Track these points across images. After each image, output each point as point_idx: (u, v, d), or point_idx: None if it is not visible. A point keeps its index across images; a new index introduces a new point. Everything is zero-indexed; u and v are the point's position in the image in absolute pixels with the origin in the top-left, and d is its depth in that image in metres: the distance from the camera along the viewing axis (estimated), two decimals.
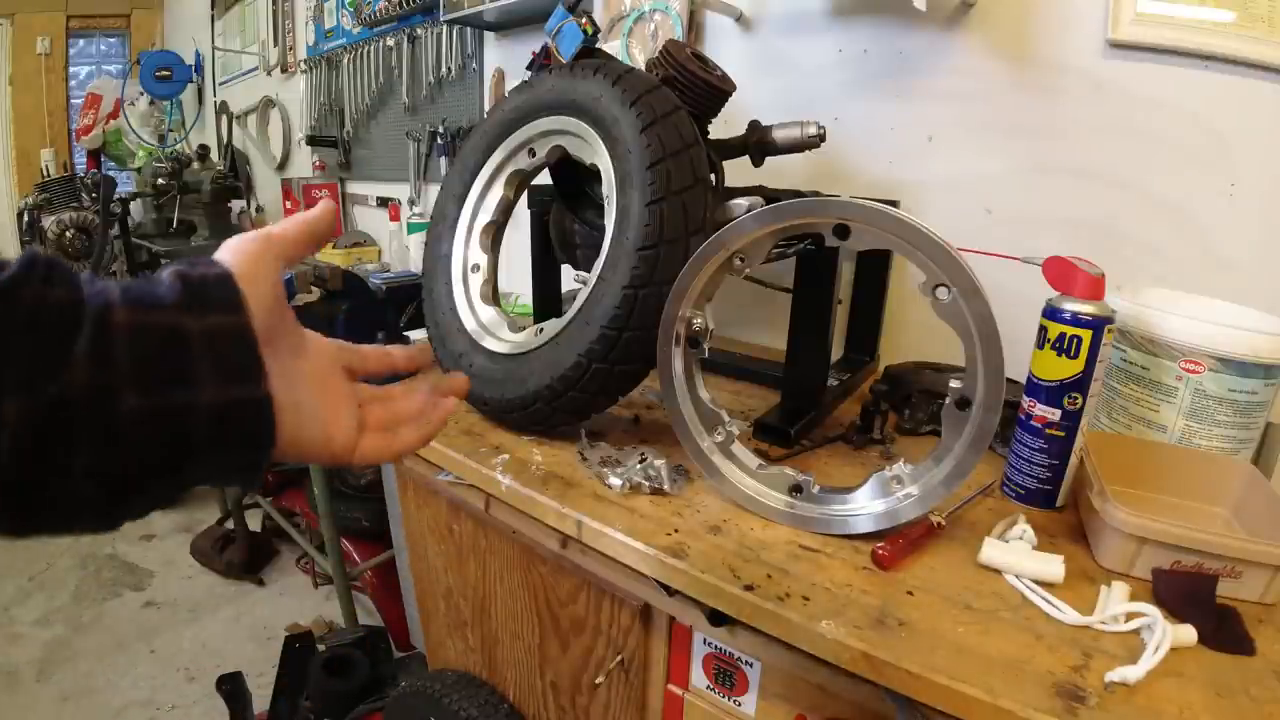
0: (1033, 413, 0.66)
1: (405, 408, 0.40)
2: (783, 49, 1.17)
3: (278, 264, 0.32)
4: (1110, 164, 0.90)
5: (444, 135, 1.87)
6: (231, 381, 0.27)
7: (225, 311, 0.28)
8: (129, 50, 3.99)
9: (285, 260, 0.33)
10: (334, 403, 0.35)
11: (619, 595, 0.73)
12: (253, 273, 0.30)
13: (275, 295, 0.31)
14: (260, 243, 0.32)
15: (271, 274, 0.31)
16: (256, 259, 0.31)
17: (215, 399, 0.27)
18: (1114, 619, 0.51)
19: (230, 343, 0.28)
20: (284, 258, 0.33)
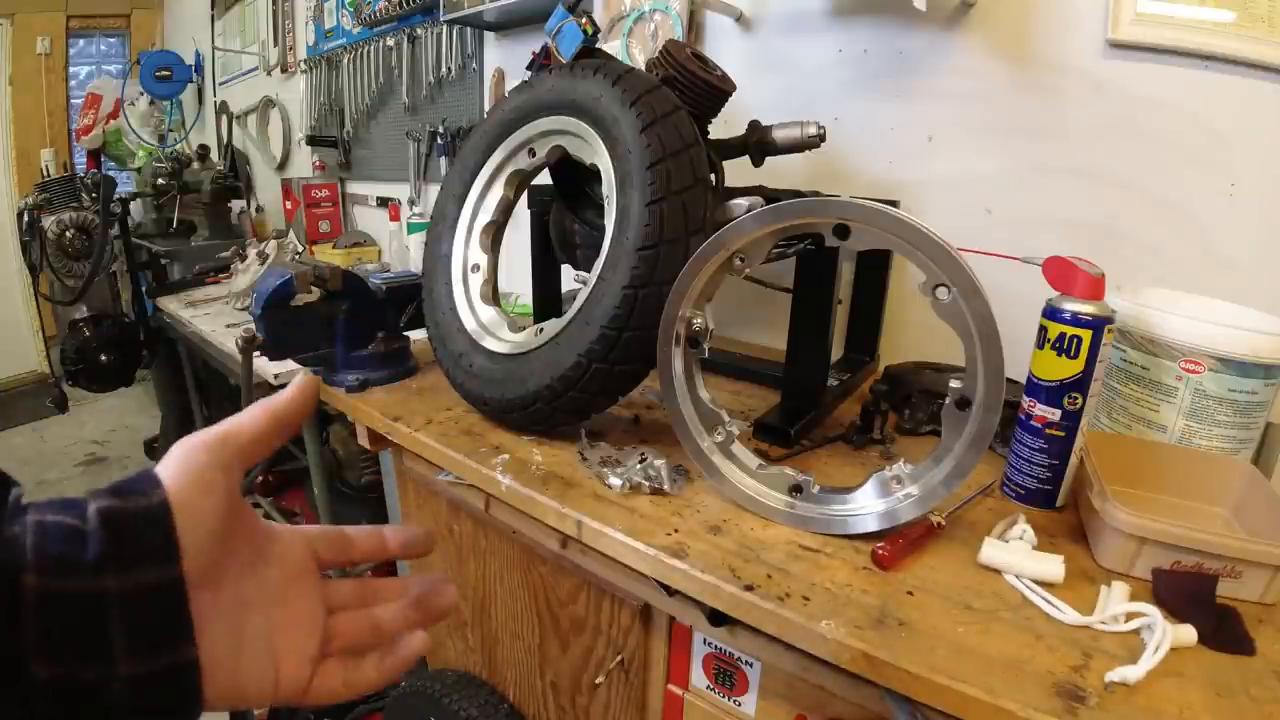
0: (1033, 413, 0.66)
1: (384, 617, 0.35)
2: (783, 49, 1.17)
3: (233, 472, 0.29)
4: (1110, 164, 0.90)
5: (444, 135, 1.87)
6: (152, 650, 0.25)
7: (153, 562, 0.25)
8: (129, 50, 3.99)
9: (245, 462, 0.29)
10: (290, 633, 0.31)
11: (619, 595, 0.73)
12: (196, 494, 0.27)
13: (226, 514, 0.28)
14: (211, 453, 0.28)
15: (221, 489, 0.28)
16: (203, 475, 0.27)
17: (133, 671, 0.24)
18: (1114, 619, 0.51)
19: (154, 603, 0.25)
20: (244, 461, 0.29)
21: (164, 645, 0.25)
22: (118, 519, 0.25)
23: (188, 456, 0.28)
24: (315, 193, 2.36)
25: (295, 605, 0.32)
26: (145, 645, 0.25)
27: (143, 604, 0.25)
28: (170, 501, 0.26)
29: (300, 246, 2.23)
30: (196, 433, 0.29)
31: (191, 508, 0.26)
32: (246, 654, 0.29)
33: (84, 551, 0.24)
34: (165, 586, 0.25)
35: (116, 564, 0.24)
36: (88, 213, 2.60)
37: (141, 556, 0.25)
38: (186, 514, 0.26)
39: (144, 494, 0.26)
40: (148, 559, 0.25)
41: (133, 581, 0.24)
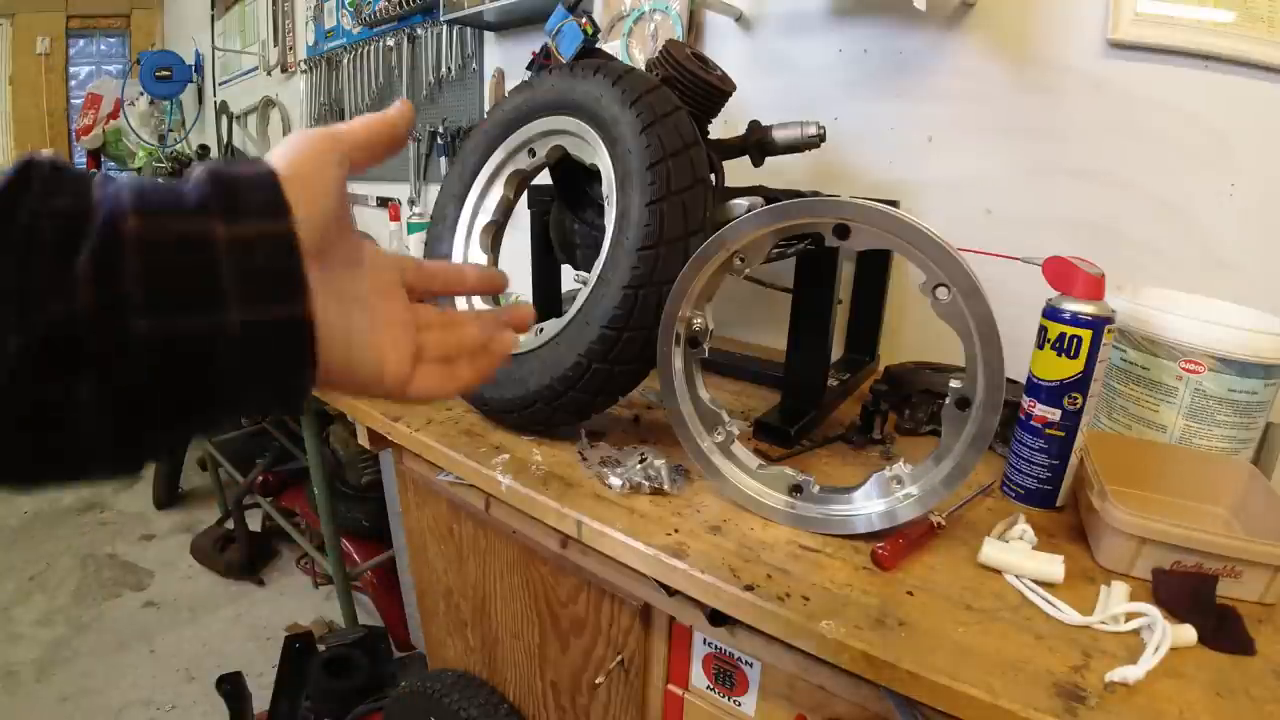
0: (1033, 413, 0.66)
1: (468, 336, 0.35)
2: (783, 49, 1.17)
3: (341, 167, 0.28)
4: (1110, 164, 0.90)
5: (444, 135, 1.87)
6: (265, 300, 0.23)
7: (263, 217, 0.24)
8: (129, 50, 3.99)
9: (353, 164, 0.29)
10: (391, 328, 0.31)
11: (619, 595, 0.73)
12: (307, 173, 0.26)
13: (336, 201, 0.27)
14: (322, 140, 0.27)
15: (331, 177, 0.27)
16: (314, 159, 0.27)
17: (244, 320, 0.23)
18: (1114, 619, 0.51)
19: (266, 254, 0.23)
20: (350, 160, 0.29)
21: (278, 296, 0.24)
22: (225, 175, 0.24)
23: (299, 142, 0.27)
24: None
25: (391, 309, 0.32)
26: (257, 294, 0.23)
27: (255, 251, 0.23)
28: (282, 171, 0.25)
29: None
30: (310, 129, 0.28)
31: (302, 180, 0.25)
32: (356, 336, 0.29)
33: (189, 200, 0.23)
34: (278, 237, 0.24)
35: (226, 213, 0.23)
36: None
37: (251, 210, 0.24)
38: (297, 185, 0.25)
39: (254, 163, 0.25)
40: (258, 213, 0.24)
41: (243, 230, 0.23)
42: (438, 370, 0.34)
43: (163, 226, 0.22)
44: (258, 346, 0.23)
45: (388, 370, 0.31)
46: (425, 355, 0.33)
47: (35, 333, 0.20)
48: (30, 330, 0.20)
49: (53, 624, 1.94)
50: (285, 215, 0.24)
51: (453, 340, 0.35)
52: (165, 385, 0.22)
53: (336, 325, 0.27)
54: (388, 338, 0.31)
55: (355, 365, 0.29)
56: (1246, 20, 0.78)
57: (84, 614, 1.99)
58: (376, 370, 0.30)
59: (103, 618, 1.98)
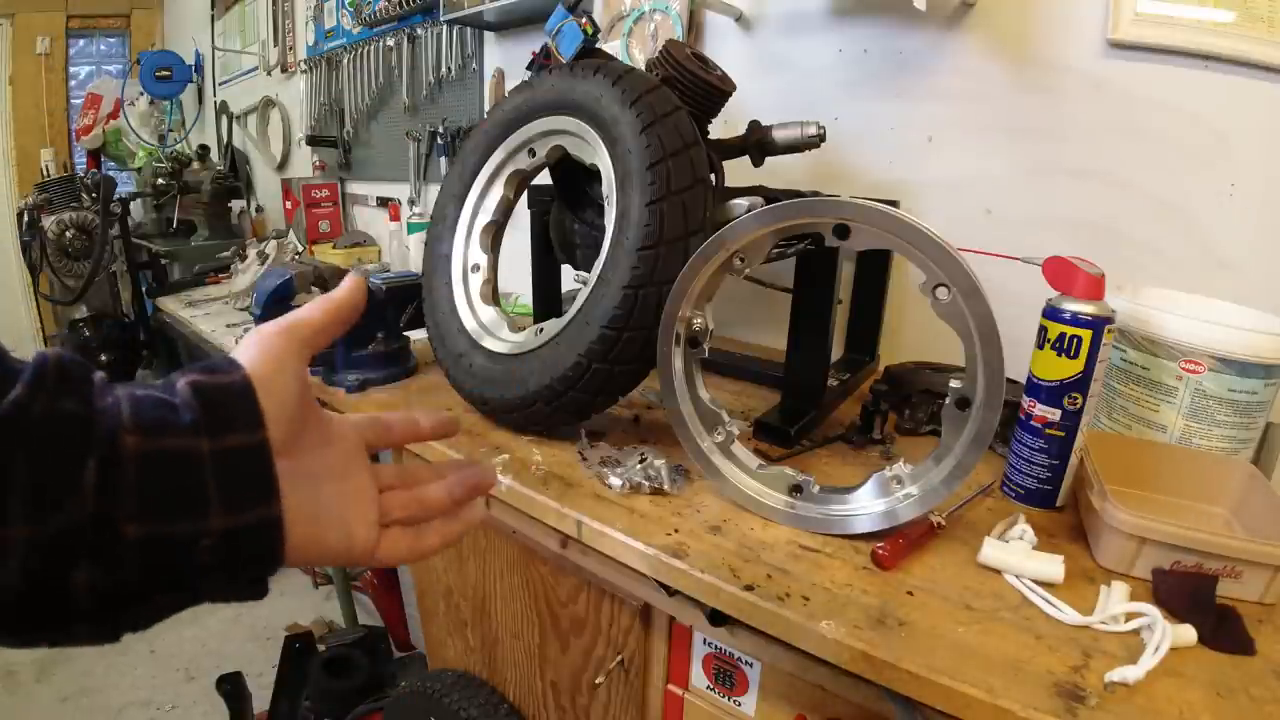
0: (1033, 413, 0.66)
1: (431, 497, 0.37)
2: (783, 49, 1.17)
3: (303, 358, 0.31)
4: (1110, 164, 0.90)
5: (444, 135, 1.87)
6: (243, 507, 0.27)
7: (243, 430, 0.27)
8: (129, 50, 3.99)
9: (312, 349, 0.32)
10: (357, 499, 0.34)
11: (619, 595, 0.73)
12: (274, 374, 0.29)
13: (299, 394, 0.30)
14: (284, 338, 0.30)
15: (296, 371, 0.30)
16: (279, 358, 0.30)
17: (223, 527, 0.26)
18: (1114, 619, 0.51)
19: (244, 465, 0.27)
20: (311, 348, 0.32)
21: (253, 501, 0.27)
22: (208, 391, 0.27)
23: (263, 341, 0.30)
24: (315, 193, 2.35)
25: (355, 481, 0.34)
26: (236, 502, 0.26)
27: (234, 463, 0.26)
28: (252, 378, 0.28)
29: (300, 246, 2.22)
30: (267, 323, 0.31)
31: (270, 384, 0.28)
32: (323, 516, 0.31)
33: (179, 416, 0.26)
34: (254, 448, 0.27)
35: (210, 428, 0.26)
36: (88, 213, 2.60)
37: (231, 423, 0.27)
38: (265, 389, 0.28)
39: (227, 372, 0.28)
40: (237, 425, 0.27)
41: (225, 443, 0.26)
42: (404, 536, 0.36)
43: (156, 444, 0.25)
44: (235, 546, 0.27)
45: (356, 539, 0.33)
46: (389, 518, 0.35)
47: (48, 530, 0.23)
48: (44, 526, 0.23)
49: None
50: (260, 426, 0.27)
51: (415, 502, 0.37)
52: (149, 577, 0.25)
53: (304, 511, 0.30)
54: (354, 509, 0.33)
55: (323, 540, 0.31)
56: (1246, 20, 0.78)
57: None
58: (345, 541, 0.32)
59: None
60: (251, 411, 0.27)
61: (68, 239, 2.57)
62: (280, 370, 0.29)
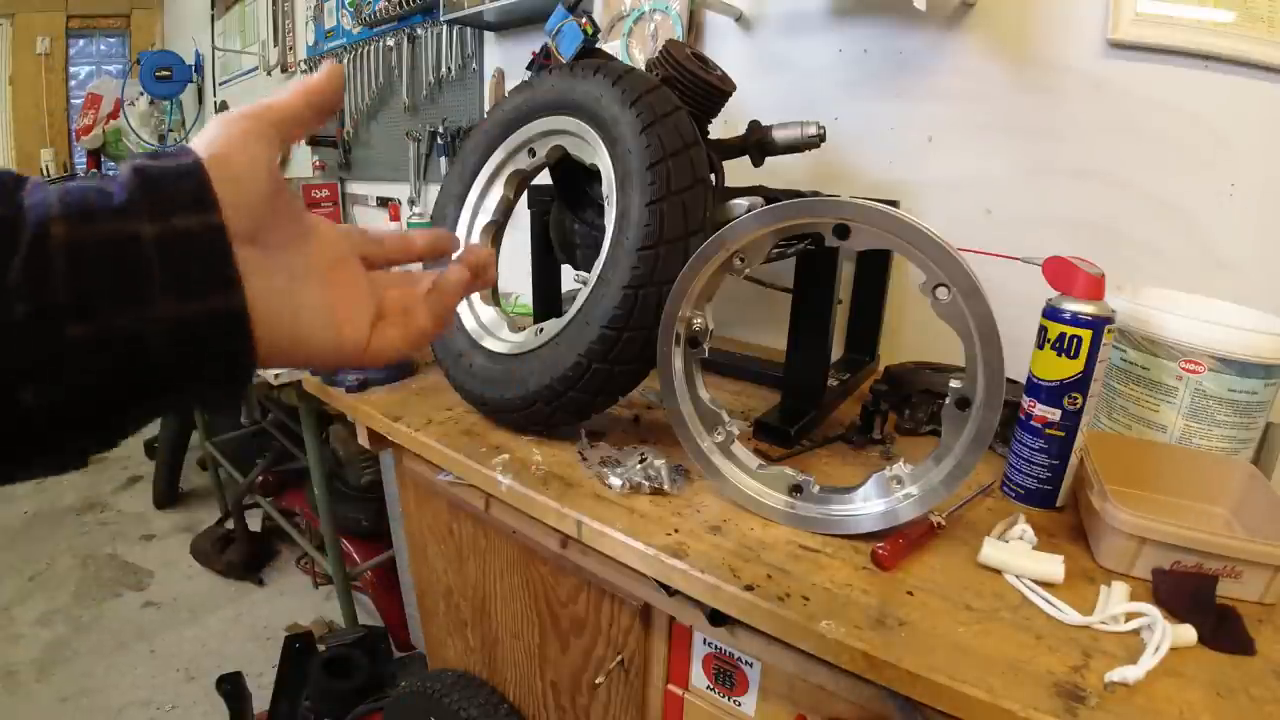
0: (1033, 413, 0.66)
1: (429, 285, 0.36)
2: (783, 49, 1.17)
3: (271, 143, 0.28)
4: (1110, 164, 0.90)
5: (444, 135, 1.87)
6: (194, 295, 0.23)
7: (190, 210, 0.24)
8: (129, 50, 3.99)
9: (284, 137, 0.29)
10: (346, 296, 0.32)
11: (619, 595, 0.73)
12: (235, 157, 0.26)
13: (266, 182, 0.27)
14: (248, 120, 0.27)
15: (261, 156, 0.27)
16: (241, 140, 0.26)
17: (174, 315, 0.23)
18: (1114, 619, 0.51)
19: (193, 248, 0.24)
20: (281, 135, 0.28)
21: (208, 288, 0.24)
22: (149, 170, 0.24)
23: (224, 124, 0.27)
24: (315, 193, 2.36)
25: (345, 278, 0.32)
26: (187, 287, 0.23)
27: (181, 247, 0.23)
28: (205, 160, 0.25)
29: None
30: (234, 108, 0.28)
31: (229, 166, 0.25)
32: (305, 311, 0.29)
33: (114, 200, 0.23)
34: (206, 230, 0.24)
35: (150, 210, 0.23)
36: None
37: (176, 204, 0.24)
38: (224, 172, 0.25)
39: (180, 154, 0.25)
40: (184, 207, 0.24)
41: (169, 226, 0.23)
42: (394, 325, 0.34)
43: (88, 230, 0.22)
44: (192, 340, 0.24)
45: (345, 337, 0.31)
46: (385, 314, 0.34)
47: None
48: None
49: (53, 624, 1.94)
50: (212, 206, 0.24)
51: (415, 292, 0.35)
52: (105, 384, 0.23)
53: (280, 304, 0.27)
54: (343, 306, 0.31)
55: (306, 339, 0.29)
56: (1246, 20, 0.78)
57: (84, 614, 1.99)
58: (333, 339, 0.30)
59: (103, 618, 1.98)
60: (201, 192, 0.24)
61: None
62: (242, 152, 0.26)
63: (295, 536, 1.98)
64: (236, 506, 2.17)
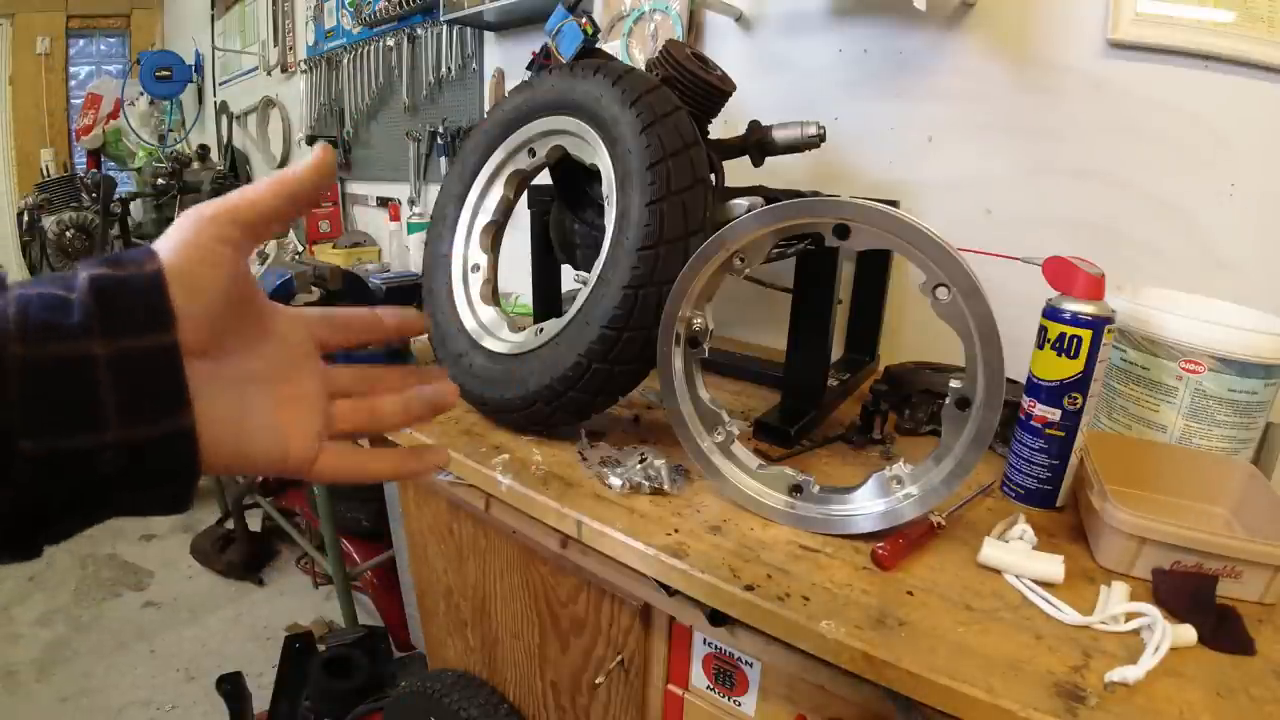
0: (1033, 413, 0.66)
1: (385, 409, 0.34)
2: (783, 49, 1.17)
3: (239, 247, 0.27)
4: (1110, 164, 0.90)
5: (444, 135, 1.87)
6: (145, 418, 0.24)
7: (145, 330, 0.24)
8: (129, 50, 3.99)
9: (251, 236, 0.27)
10: (296, 406, 0.30)
11: (619, 595, 0.73)
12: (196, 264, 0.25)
13: (227, 286, 0.26)
14: (211, 223, 0.26)
15: (223, 263, 0.26)
16: (204, 246, 0.26)
17: (123, 440, 0.23)
18: (1114, 619, 0.51)
19: (147, 371, 0.24)
20: (253, 235, 0.27)
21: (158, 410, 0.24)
22: (109, 286, 0.23)
23: (189, 226, 0.26)
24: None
25: (298, 383, 0.31)
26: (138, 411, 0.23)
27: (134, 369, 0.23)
28: (166, 270, 0.24)
29: (300, 246, 2.22)
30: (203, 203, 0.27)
31: (190, 276, 0.25)
32: (252, 424, 0.28)
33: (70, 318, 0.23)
34: (159, 352, 0.24)
35: (105, 330, 0.23)
36: (88, 213, 2.60)
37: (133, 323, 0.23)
38: (185, 282, 0.25)
39: (137, 263, 0.24)
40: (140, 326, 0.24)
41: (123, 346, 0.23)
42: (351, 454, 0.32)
43: (44, 350, 0.22)
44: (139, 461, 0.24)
45: (291, 451, 0.30)
46: (336, 426, 0.32)
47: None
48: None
49: (53, 624, 1.94)
50: (167, 325, 0.24)
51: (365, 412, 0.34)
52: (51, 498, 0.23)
53: (227, 418, 0.27)
54: (291, 417, 0.30)
55: (251, 452, 0.28)
56: (1246, 20, 0.78)
57: (84, 614, 1.99)
58: (278, 452, 0.29)
59: (103, 618, 1.98)
60: (158, 309, 0.24)
61: (68, 239, 2.57)
62: (205, 260, 0.25)
63: (295, 536, 1.98)
64: (236, 506, 2.17)
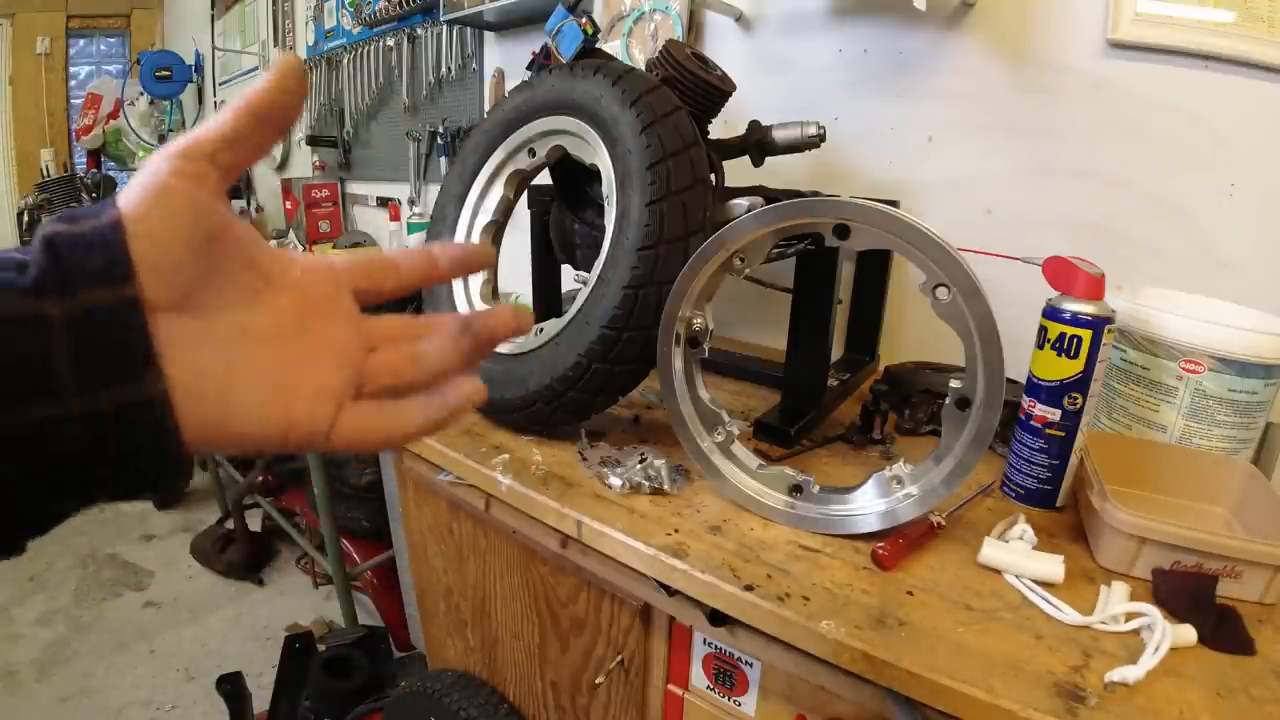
0: (1033, 413, 0.66)
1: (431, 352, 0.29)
2: (783, 49, 1.17)
3: (204, 181, 0.24)
4: (1110, 164, 0.90)
5: (444, 135, 1.87)
6: (105, 382, 0.21)
7: (102, 283, 0.21)
8: (129, 50, 3.99)
9: (224, 167, 0.24)
10: (312, 364, 0.26)
11: (619, 595, 0.73)
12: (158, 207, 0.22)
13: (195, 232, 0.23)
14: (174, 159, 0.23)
15: (189, 199, 0.23)
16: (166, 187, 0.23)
17: (87, 409, 0.21)
18: (1114, 619, 0.51)
19: (103, 328, 0.21)
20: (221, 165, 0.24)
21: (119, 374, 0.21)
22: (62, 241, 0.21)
23: (149, 171, 0.23)
24: (315, 193, 2.35)
25: (319, 338, 0.27)
26: (96, 376, 0.21)
27: (90, 329, 0.21)
28: (124, 218, 0.22)
29: (300, 246, 2.22)
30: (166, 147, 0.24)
31: (153, 221, 0.22)
32: (242, 386, 0.24)
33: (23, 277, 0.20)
34: (116, 308, 0.21)
35: (59, 287, 0.20)
36: None
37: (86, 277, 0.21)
38: (146, 228, 0.22)
39: (94, 216, 0.22)
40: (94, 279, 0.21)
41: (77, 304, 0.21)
42: (375, 413, 0.28)
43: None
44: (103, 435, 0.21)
45: (297, 417, 0.25)
46: (368, 386, 0.28)
47: None
48: None
49: (53, 624, 1.94)
50: (125, 276, 0.21)
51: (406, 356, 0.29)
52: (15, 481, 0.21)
53: (213, 379, 0.23)
54: (304, 377, 0.26)
55: (243, 422, 0.24)
56: (1246, 20, 0.78)
57: (84, 614, 1.99)
58: (280, 420, 0.25)
59: (103, 618, 1.98)
60: (114, 260, 0.21)
61: None
62: (166, 203, 0.23)
63: (295, 536, 1.98)
64: (236, 506, 2.17)
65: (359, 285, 0.29)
